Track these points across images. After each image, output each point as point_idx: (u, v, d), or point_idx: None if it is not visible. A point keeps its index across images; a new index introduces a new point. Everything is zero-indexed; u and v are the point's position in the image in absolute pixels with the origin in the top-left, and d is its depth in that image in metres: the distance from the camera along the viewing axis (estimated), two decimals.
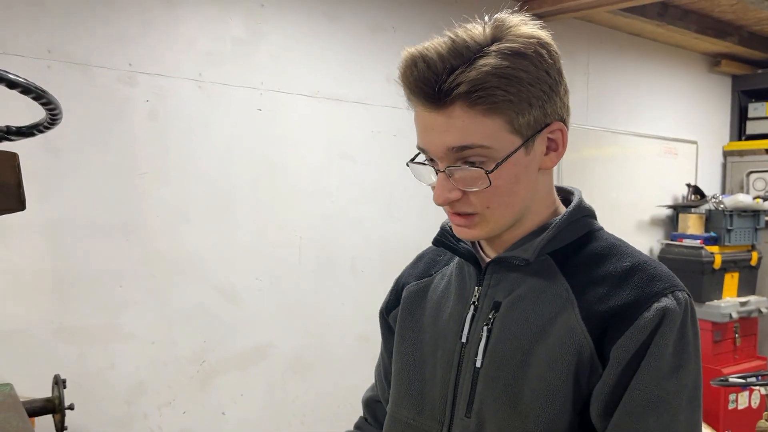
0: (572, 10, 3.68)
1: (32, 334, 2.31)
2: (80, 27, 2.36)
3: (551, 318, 0.84)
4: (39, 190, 2.31)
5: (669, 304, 0.80)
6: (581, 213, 0.92)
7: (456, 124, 0.79)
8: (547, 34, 0.84)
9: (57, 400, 1.86)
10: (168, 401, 2.62)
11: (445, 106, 0.79)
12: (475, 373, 0.87)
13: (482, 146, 0.80)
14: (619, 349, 0.79)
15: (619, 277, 0.84)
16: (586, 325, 0.81)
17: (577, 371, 0.81)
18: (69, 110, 2.32)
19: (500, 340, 0.86)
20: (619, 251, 0.88)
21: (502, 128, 0.80)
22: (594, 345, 0.80)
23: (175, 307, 2.62)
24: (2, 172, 1.12)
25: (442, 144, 0.81)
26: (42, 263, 2.33)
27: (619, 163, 4.38)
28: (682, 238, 4.46)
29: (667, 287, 0.82)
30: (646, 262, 0.86)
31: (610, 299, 0.82)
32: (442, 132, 0.80)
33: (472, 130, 0.79)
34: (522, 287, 0.88)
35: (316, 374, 3.01)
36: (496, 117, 0.79)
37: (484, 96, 0.78)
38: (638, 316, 0.79)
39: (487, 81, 0.77)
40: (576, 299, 0.84)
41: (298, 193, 2.92)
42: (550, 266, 0.87)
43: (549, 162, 0.87)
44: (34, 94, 1.14)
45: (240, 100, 2.74)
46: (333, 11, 2.99)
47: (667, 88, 4.67)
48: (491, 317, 0.88)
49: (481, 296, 0.91)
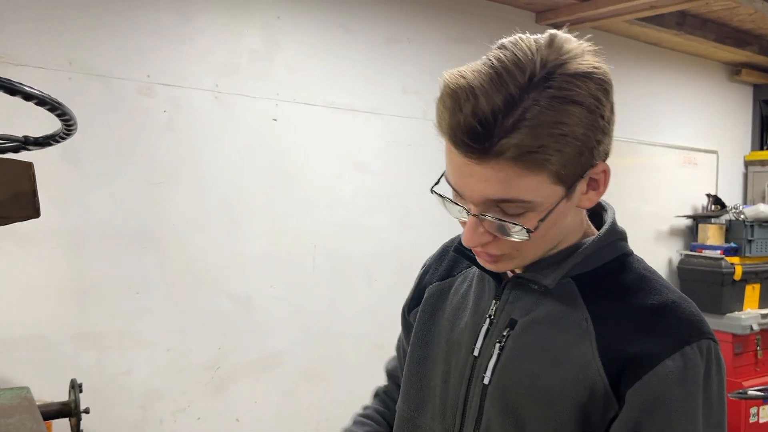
0: (589, 20, 3.68)
1: (51, 339, 2.36)
2: (100, 40, 2.42)
3: (566, 347, 0.80)
4: (59, 198, 2.37)
5: (692, 354, 0.76)
6: (613, 237, 0.87)
7: (499, 177, 0.72)
8: (605, 68, 0.77)
9: (73, 404, 1.90)
10: (183, 407, 2.65)
11: (488, 158, 0.72)
12: (483, 390, 0.85)
13: (523, 201, 0.74)
14: (636, 394, 0.75)
15: (643, 316, 0.79)
16: (603, 363, 0.77)
17: (587, 406, 0.78)
18: (88, 121, 2.39)
19: (510, 360, 0.84)
20: (648, 286, 0.82)
21: (547, 181, 0.74)
22: (609, 383, 0.77)
23: (190, 314, 2.65)
24: (19, 180, 1.16)
25: (479, 193, 0.75)
26: (61, 270, 2.38)
27: (638, 173, 4.35)
28: (702, 248, 4.41)
29: (693, 335, 0.77)
30: (675, 302, 0.80)
31: (631, 340, 0.77)
32: (481, 181, 0.74)
33: (515, 185, 0.73)
34: (540, 309, 0.84)
35: (330, 382, 3.02)
36: (542, 172, 0.73)
37: (534, 154, 0.71)
38: (658, 362, 0.75)
39: (538, 141, 0.70)
40: (595, 332, 0.79)
41: (313, 202, 2.95)
42: (571, 292, 0.83)
43: (587, 202, 0.82)
44: (49, 105, 1.18)
45: (256, 110, 2.78)
46: (348, 23, 3.03)
47: (687, 98, 4.63)
48: (505, 335, 0.85)
49: (497, 311, 0.88)
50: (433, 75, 0.88)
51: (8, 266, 2.29)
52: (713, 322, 4.27)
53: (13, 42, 2.27)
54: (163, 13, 2.56)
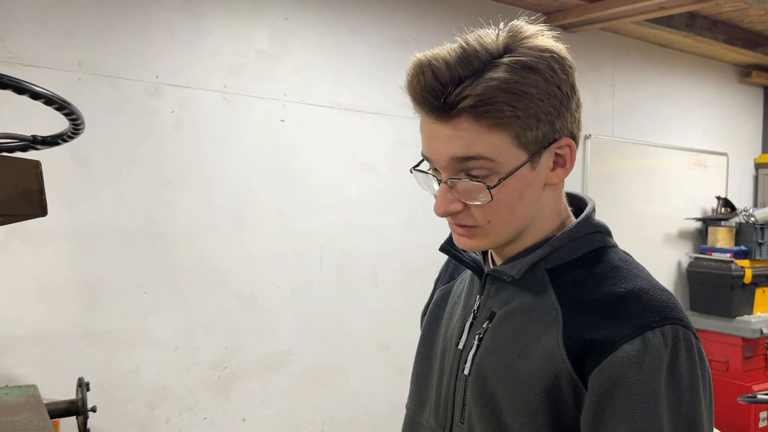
0: (598, 21, 3.68)
1: (60, 337, 2.38)
2: (110, 41, 2.44)
3: (536, 336, 0.83)
4: (68, 198, 2.39)
5: (653, 339, 0.76)
6: (586, 230, 0.88)
7: (461, 135, 0.78)
8: (562, 47, 0.82)
9: (80, 403, 1.91)
10: (189, 406, 2.66)
11: (450, 117, 0.78)
12: (465, 381, 0.89)
13: (486, 158, 0.79)
14: (595, 379, 0.77)
15: (609, 304, 0.80)
16: (566, 350, 0.79)
17: (555, 393, 0.79)
18: (97, 121, 2.41)
19: (487, 350, 0.87)
20: (618, 275, 0.83)
21: (508, 143, 0.79)
22: (573, 370, 0.78)
23: (197, 313, 2.67)
24: (26, 179, 1.17)
25: (445, 153, 0.80)
26: (70, 269, 2.40)
27: (647, 175, 4.33)
28: (712, 251, 4.38)
29: (657, 320, 0.77)
30: (643, 289, 0.81)
31: (595, 327, 0.79)
32: (446, 141, 0.79)
33: (477, 143, 0.78)
34: (516, 301, 0.87)
35: (336, 382, 3.03)
36: (503, 132, 0.78)
37: (491, 111, 0.76)
38: (617, 347, 0.76)
39: (494, 96, 0.76)
40: (562, 321, 0.81)
41: (320, 203, 2.95)
42: (544, 283, 0.86)
43: (555, 178, 0.85)
44: (57, 104, 1.19)
45: (263, 111, 2.80)
46: (356, 24, 3.04)
47: (696, 99, 4.61)
48: (484, 327, 0.89)
49: (480, 305, 0.91)
50: None
51: (17, 265, 2.31)
52: (723, 325, 4.25)
53: (24, 43, 2.29)
54: (173, 15, 2.57)
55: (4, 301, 2.29)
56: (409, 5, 3.20)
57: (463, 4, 3.37)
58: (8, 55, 2.26)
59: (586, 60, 3.96)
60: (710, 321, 4.33)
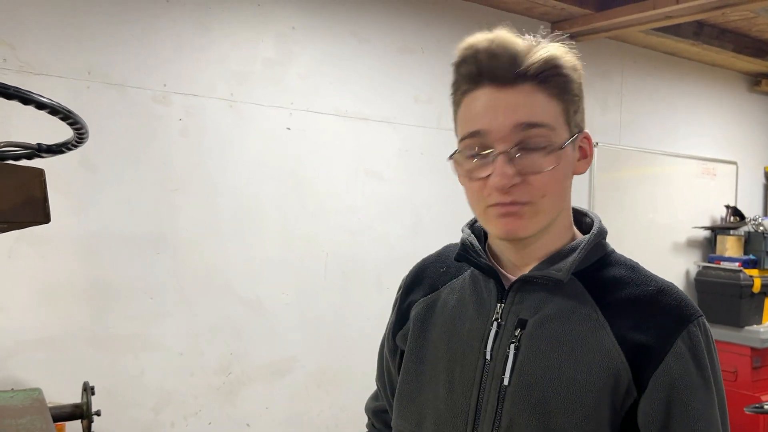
0: (604, 30, 3.68)
1: (66, 341, 2.41)
2: (118, 49, 2.48)
3: (583, 339, 0.84)
4: (75, 203, 2.42)
5: (695, 330, 0.83)
6: (602, 236, 0.93)
7: (527, 101, 0.81)
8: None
9: (85, 406, 1.94)
10: (194, 411, 2.68)
11: (516, 84, 0.81)
12: (501, 391, 0.86)
13: (548, 126, 0.82)
14: (660, 377, 0.81)
15: (647, 302, 0.85)
16: (623, 350, 0.82)
17: (613, 392, 0.82)
18: (105, 128, 2.45)
19: (529, 358, 0.86)
20: (641, 275, 0.89)
21: (561, 116, 0.84)
22: (631, 370, 0.82)
23: (203, 318, 2.69)
24: (30, 186, 1.19)
25: (510, 121, 0.81)
26: (77, 274, 2.44)
27: (655, 183, 4.32)
28: (720, 260, 4.36)
29: (693, 313, 0.85)
30: (669, 286, 0.88)
31: (643, 326, 0.83)
32: (510, 109, 0.81)
33: (541, 109, 0.82)
34: (549, 307, 0.87)
35: (340, 389, 3.04)
36: (560, 103, 0.83)
37: (556, 78, 0.82)
38: (672, 344, 0.82)
39: (559, 65, 0.82)
40: (608, 322, 0.84)
41: (325, 209, 2.98)
42: (577, 287, 0.87)
43: (581, 167, 0.90)
44: (61, 114, 1.22)
45: (270, 119, 2.82)
46: (362, 33, 3.06)
47: (705, 108, 4.60)
48: (517, 335, 0.87)
49: (504, 313, 0.89)
50: (446, 84, 0.92)
51: (25, 269, 2.34)
52: (732, 335, 4.22)
53: (34, 52, 2.33)
54: (181, 24, 2.61)
55: (12, 306, 2.33)
56: (415, 14, 3.22)
57: (470, 14, 3.39)
58: (19, 64, 2.30)
59: (593, 68, 3.97)
60: (719, 330, 4.30)
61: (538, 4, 3.38)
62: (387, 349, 1.11)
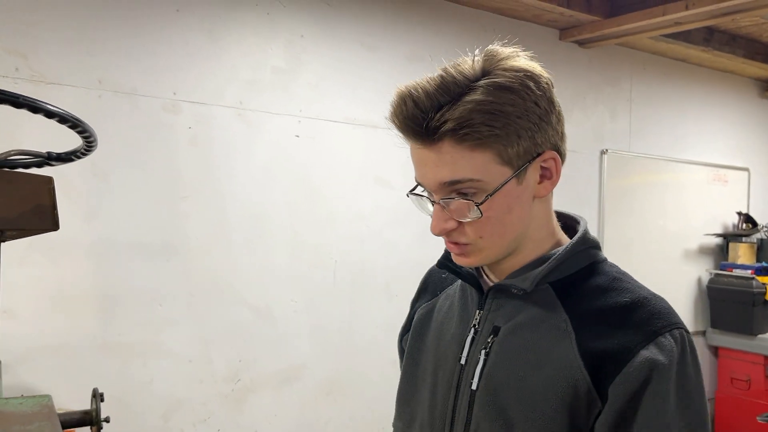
0: (613, 37, 3.67)
1: (76, 348, 2.43)
2: (129, 58, 2.51)
3: (549, 348, 0.85)
4: (86, 211, 2.44)
5: (666, 343, 0.81)
6: (585, 245, 0.92)
7: (446, 159, 0.81)
8: (536, 65, 0.85)
9: (94, 413, 1.95)
10: (203, 418, 2.69)
11: (434, 142, 0.81)
12: (471, 396, 0.89)
13: (472, 179, 0.82)
14: (618, 387, 0.80)
15: (618, 313, 0.84)
16: (583, 360, 0.82)
17: (572, 404, 0.82)
18: (116, 137, 2.47)
19: (497, 364, 0.88)
20: (621, 285, 0.88)
21: (492, 161, 0.82)
22: (591, 380, 0.81)
23: (212, 326, 2.70)
24: (39, 194, 1.21)
25: (434, 178, 0.84)
26: (87, 281, 2.45)
27: (666, 190, 4.29)
28: (732, 267, 4.32)
29: (665, 325, 0.82)
30: (646, 298, 0.86)
31: (609, 336, 0.82)
32: (433, 167, 0.83)
33: (462, 165, 0.81)
34: (522, 315, 0.89)
35: (349, 397, 3.03)
36: (485, 151, 0.81)
37: (470, 132, 0.80)
38: (635, 354, 0.80)
39: (472, 118, 0.79)
40: (574, 332, 0.84)
41: (334, 217, 2.98)
42: (550, 296, 0.88)
43: (543, 190, 0.89)
44: (70, 123, 1.23)
45: (278, 127, 2.84)
46: (371, 41, 3.08)
47: (716, 114, 4.57)
48: (490, 341, 0.90)
49: (481, 320, 0.92)
50: None
51: (36, 276, 2.36)
52: (744, 343, 4.18)
53: (47, 61, 2.36)
54: (190, 33, 2.63)
55: (23, 312, 2.35)
56: (423, 22, 3.23)
57: (478, 21, 3.40)
58: (31, 74, 2.33)
59: (602, 75, 3.96)
60: (731, 338, 4.26)
61: (546, 11, 3.38)
62: (399, 352, 1.15)
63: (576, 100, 3.84)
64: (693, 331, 4.42)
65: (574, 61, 3.83)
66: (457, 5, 3.34)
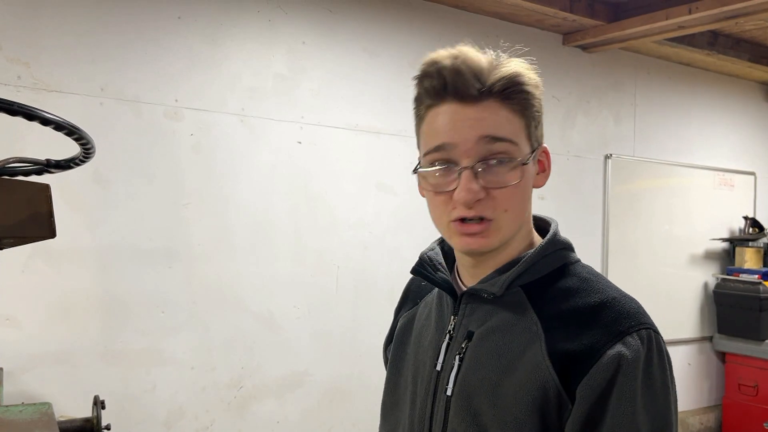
0: (617, 41, 3.66)
1: (79, 356, 2.43)
2: (131, 66, 2.51)
3: (520, 352, 0.84)
4: (89, 218, 2.45)
5: (633, 343, 0.80)
6: (555, 246, 0.91)
7: (491, 116, 0.82)
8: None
9: (95, 420, 1.95)
10: (206, 426, 2.68)
11: (479, 100, 0.82)
12: (447, 402, 0.89)
13: (511, 141, 0.83)
14: (584, 388, 0.79)
15: (586, 314, 0.83)
16: (551, 362, 0.81)
17: (543, 406, 0.81)
18: (118, 144, 2.48)
19: (470, 369, 0.87)
20: (590, 286, 0.87)
21: (523, 131, 0.84)
22: (560, 382, 0.80)
23: (214, 333, 2.70)
24: (37, 202, 1.21)
25: (474, 134, 0.82)
26: (90, 288, 2.46)
27: (671, 195, 4.27)
28: (739, 272, 4.29)
29: (633, 325, 0.81)
30: (615, 299, 0.85)
31: (576, 337, 0.82)
32: (474, 124, 0.82)
33: (505, 124, 0.83)
34: (494, 319, 0.88)
35: (353, 404, 3.02)
36: (522, 118, 0.84)
37: (518, 92, 0.83)
38: (602, 354, 0.79)
39: (522, 82, 0.83)
40: (544, 334, 0.84)
41: (337, 223, 2.98)
42: (521, 300, 0.88)
43: (540, 181, 0.90)
44: (66, 130, 1.23)
45: (281, 133, 2.84)
46: (373, 47, 3.08)
47: (721, 118, 4.55)
48: (464, 347, 0.89)
49: (456, 325, 0.92)
50: None
51: (38, 284, 2.37)
52: (752, 348, 4.14)
53: (49, 69, 2.37)
54: (192, 40, 2.64)
55: (25, 320, 2.35)
56: (426, 28, 3.23)
57: (481, 26, 3.40)
58: (33, 81, 2.34)
59: (606, 80, 3.95)
60: (738, 344, 4.23)
61: (549, 16, 3.38)
62: (384, 361, 1.16)
63: (580, 104, 3.83)
64: (699, 336, 4.39)
65: (577, 66, 3.82)
66: (460, 10, 3.34)
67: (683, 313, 4.25)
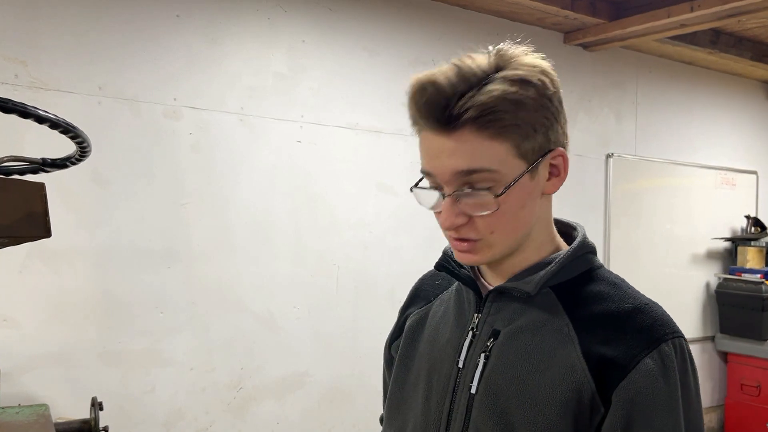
0: (618, 39, 3.65)
1: (77, 357, 2.41)
2: (129, 65, 2.50)
3: (551, 352, 0.84)
4: (87, 218, 2.43)
5: (668, 351, 0.81)
6: (585, 249, 0.92)
7: (464, 147, 0.80)
8: (548, 64, 0.85)
9: (93, 422, 1.93)
10: (205, 427, 2.66)
11: (454, 129, 0.80)
12: (470, 400, 0.88)
13: (490, 170, 0.81)
14: (622, 393, 0.79)
15: (621, 319, 0.84)
16: (588, 364, 0.82)
17: (576, 409, 0.81)
18: (117, 143, 2.46)
19: (497, 368, 0.87)
20: (622, 292, 0.88)
21: (509, 153, 0.81)
22: (595, 385, 0.81)
23: (214, 333, 2.68)
24: (31, 201, 1.19)
25: (450, 168, 0.81)
26: (88, 289, 2.44)
27: (673, 194, 4.25)
28: (741, 272, 4.27)
29: (667, 333, 0.82)
30: (648, 305, 0.86)
31: (612, 342, 0.82)
32: (450, 156, 0.81)
33: (480, 154, 0.80)
34: (523, 318, 0.88)
35: (353, 404, 3.01)
36: (504, 141, 0.80)
37: (493, 120, 0.79)
38: (639, 361, 0.80)
39: (495, 106, 0.79)
40: (577, 336, 0.84)
41: (337, 223, 2.96)
42: (551, 300, 0.88)
43: (551, 187, 0.89)
44: (62, 128, 1.21)
45: (280, 132, 2.82)
46: (373, 46, 3.06)
47: (723, 117, 4.53)
48: (489, 345, 0.88)
49: (480, 323, 0.91)
50: None
51: (36, 284, 2.35)
52: (754, 348, 4.12)
53: (46, 68, 2.35)
54: (191, 39, 2.62)
55: (23, 320, 2.33)
56: (426, 26, 3.21)
57: (482, 25, 3.38)
58: (31, 80, 2.32)
59: (607, 78, 3.93)
60: (741, 344, 4.21)
61: (550, 14, 3.36)
62: (384, 359, 1.14)
63: (581, 103, 3.81)
64: (701, 336, 4.37)
65: (578, 65, 3.80)
66: (461, 9, 3.32)
67: (685, 313, 4.23)
